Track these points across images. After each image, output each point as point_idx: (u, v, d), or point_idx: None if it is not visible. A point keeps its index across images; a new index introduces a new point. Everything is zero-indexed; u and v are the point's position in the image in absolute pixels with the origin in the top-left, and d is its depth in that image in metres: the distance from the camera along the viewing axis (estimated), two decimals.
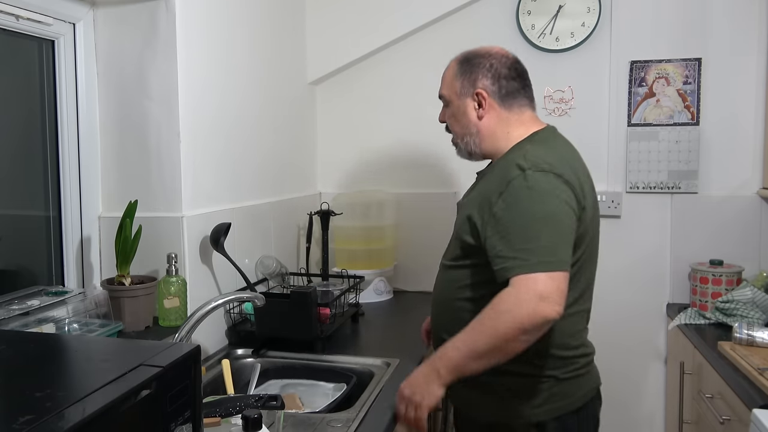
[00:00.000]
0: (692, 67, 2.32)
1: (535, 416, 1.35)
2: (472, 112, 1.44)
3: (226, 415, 1.16)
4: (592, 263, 1.43)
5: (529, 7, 2.43)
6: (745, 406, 1.51)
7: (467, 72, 1.44)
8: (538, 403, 1.35)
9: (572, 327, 1.38)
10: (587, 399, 1.42)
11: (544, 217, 1.23)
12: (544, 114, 2.47)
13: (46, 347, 0.87)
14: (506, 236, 1.24)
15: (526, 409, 1.35)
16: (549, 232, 1.22)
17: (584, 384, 1.42)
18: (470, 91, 1.43)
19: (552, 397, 1.36)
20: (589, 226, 1.36)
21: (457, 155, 1.53)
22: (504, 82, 1.42)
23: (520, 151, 1.36)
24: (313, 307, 1.75)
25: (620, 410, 2.48)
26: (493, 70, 1.43)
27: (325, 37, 2.56)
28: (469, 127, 1.45)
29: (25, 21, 1.49)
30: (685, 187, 2.36)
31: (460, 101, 1.45)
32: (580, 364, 1.41)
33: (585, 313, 1.44)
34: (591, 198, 1.38)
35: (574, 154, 1.44)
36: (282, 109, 2.33)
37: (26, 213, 1.63)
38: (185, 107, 1.66)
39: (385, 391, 1.49)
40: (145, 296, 1.56)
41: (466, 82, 1.44)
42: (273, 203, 2.21)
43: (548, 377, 1.36)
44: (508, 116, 1.43)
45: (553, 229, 1.23)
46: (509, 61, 1.45)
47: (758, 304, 1.99)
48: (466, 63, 1.46)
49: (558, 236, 1.23)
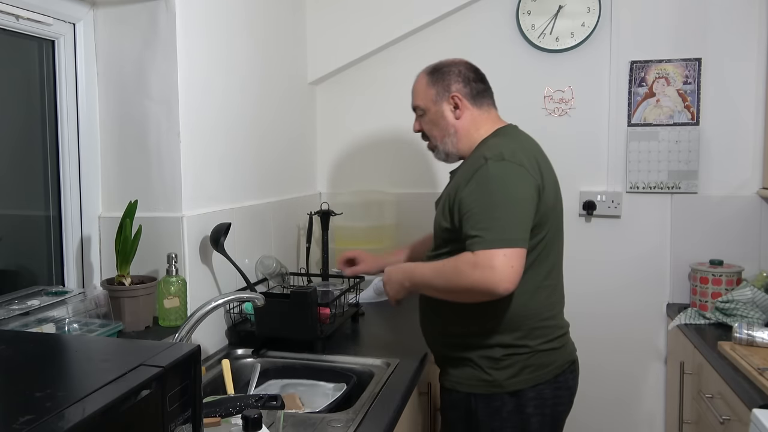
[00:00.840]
0: (692, 67, 2.32)
1: (512, 385, 1.48)
2: (449, 115, 1.59)
3: (226, 415, 1.16)
4: (557, 244, 1.57)
5: (529, 7, 2.43)
6: (745, 406, 1.51)
7: (439, 80, 1.60)
8: (515, 372, 1.48)
9: (545, 301, 1.52)
10: (561, 370, 1.53)
11: (502, 200, 1.38)
12: (544, 114, 2.47)
13: (46, 347, 0.86)
14: (471, 218, 1.39)
15: (503, 380, 1.48)
16: (506, 214, 1.37)
17: (559, 356, 1.54)
18: (445, 96, 1.58)
19: (528, 367, 1.48)
20: (551, 211, 1.50)
21: (435, 158, 1.67)
22: (473, 84, 1.60)
23: (485, 145, 1.54)
24: (313, 307, 1.75)
25: (620, 410, 2.48)
26: (462, 75, 1.60)
27: (325, 37, 2.56)
28: (448, 129, 1.59)
29: (25, 21, 1.49)
30: (685, 187, 2.36)
31: (437, 107, 1.60)
32: (555, 335, 1.53)
33: (556, 288, 1.58)
34: (552, 186, 1.53)
35: (535, 147, 1.59)
36: (282, 109, 2.33)
37: (26, 213, 1.63)
38: (185, 107, 1.66)
39: (385, 391, 1.49)
40: (145, 296, 1.56)
41: (440, 88, 1.59)
42: (273, 203, 2.21)
43: (524, 348, 1.48)
44: (480, 114, 1.60)
45: (510, 211, 1.37)
46: (472, 67, 1.64)
47: (758, 304, 1.99)
48: (436, 72, 1.61)
49: (515, 217, 1.37)
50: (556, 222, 1.54)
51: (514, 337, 1.47)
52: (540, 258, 1.48)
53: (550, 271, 1.53)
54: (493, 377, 1.48)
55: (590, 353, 2.43)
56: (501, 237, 1.33)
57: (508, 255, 1.32)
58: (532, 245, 1.42)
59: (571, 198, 2.46)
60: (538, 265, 1.48)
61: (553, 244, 1.53)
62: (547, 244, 1.49)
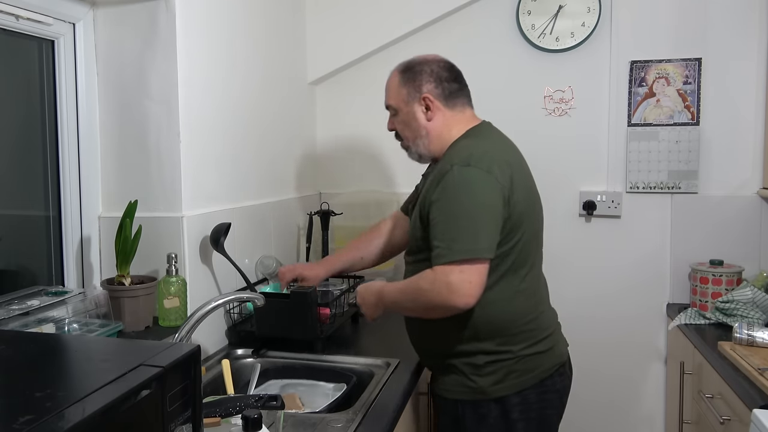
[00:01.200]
0: (692, 67, 2.32)
1: (496, 392, 1.45)
2: (421, 116, 1.54)
3: (226, 415, 1.16)
4: (534, 246, 1.52)
5: (529, 7, 2.43)
6: (745, 406, 1.51)
7: (411, 79, 1.55)
8: (498, 379, 1.45)
9: (523, 305, 1.47)
10: (548, 374, 1.50)
11: (466, 209, 1.35)
12: (544, 114, 2.47)
13: (46, 347, 0.86)
14: (435, 228, 1.38)
15: (487, 386, 1.45)
16: (470, 223, 1.34)
17: (545, 360, 1.50)
18: (417, 97, 1.54)
19: (512, 373, 1.45)
20: (524, 214, 1.44)
21: (409, 158, 1.64)
22: (446, 84, 1.54)
23: (455, 148, 1.50)
24: (313, 307, 1.75)
25: (620, 410, 2.48)
26: (434, 75, 1.54)
27: (325, 37, 2.56)
28: (420, 130, 1.55)
29: (25, 21, 1.49)
30: (685, 187, 2.36)
31: (408, 107, 1.55)
32: (538, 338, 1.49)
33: (536, 291, 1.53)
34: (523, 187, 1.46)
35: (507, 147, 1.55)
36: (282, 108, 2.33)
37: (26, 213, 1.63)
38: (185, 107, 1.66)
39: (385, 391, 1.49)
40: (145, 296, 1.56)
41: (412, 88, 1.54)
42: (273, 203, 2.21)
43: (507, 354, 1.45)
44: (452, 115, 1.54)
45: (473, 220, 1.34)
46: (446, 65, 1.57)
47: (758, 304, 1.99)
48: (408, 71, 1.56)
49: (478, 226, 1.34)
50: (532, 224, 1.49)
51: (495, 344, 1.45)
52: (516, 263, 1.44)
53: (527, 274, 1.48)
54: (478, 384, 1.46)
55: (590, 353, 2.44)
56: (462, 248, 1.31)
57: (465, 270, 1.31)
58: (505, 251, 1.41)
59: (571, 198, 2.47)
60: (515, 271, 1.44)
61: (530, 247, 1.48)
62: (522, 248, 1.45)
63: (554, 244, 2.21)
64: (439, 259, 1.33)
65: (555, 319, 1.59)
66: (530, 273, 1.49)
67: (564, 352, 1.57)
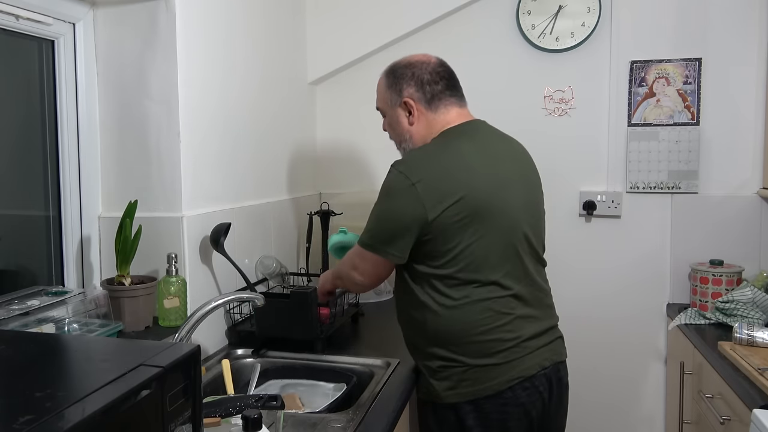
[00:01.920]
0: (692, 67, 2.32)
1: (449, 398, 1.45)
2: (404, 120, 1.55)
3: (226, 415, 1.16)
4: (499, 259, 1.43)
5: (529, 7, 2.43)
6: (745, 406, 1.51)
7: (393, 84, 1.55)
8: (450, 385, 1.45)
9: (474, 316, 1.41)
10: (506, 387, 1.41)
11: (379, 208, 1.46)
12: (544, 114, 2.47)
13: (46, 347, 0.86)
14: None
15: (441, 391, 1.46)
16: (377, 217, 1.46)
17: (502, 372, 1.42)
18: (398, 101, 1.54)
19: (463, 381, 1.43)
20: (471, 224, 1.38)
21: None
22: (428, 87, 1.51)
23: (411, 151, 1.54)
24: (313, 307, 1.75)
25: (620, 410, 2.48)
26: (415, 78, 1.52)
27: (325, 37, 2.56)
28: (404, 134, 1.56)
29: (25, 21, 1.49)
30: (685, 187, 2.36)
31: (392, 111, 1.56)
32: (494, 350, 1.41)
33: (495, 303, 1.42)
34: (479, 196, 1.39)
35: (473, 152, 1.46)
36: (282, 109, 2.33)
37: (26, 213, 1.63)
38: (185, 107, 1.66)
39: (385, 391, 1.49)
40: (145, 296, 1.56)
41: (394, 93, 1.54)
42: (273, 203, 2.21)
43: (457, 362, 1.43)
44: (435, 118, 1.52)
45: (379, 222, 1.46)
46: (430, 66, 1.54)
47: (758, 304, 1.99)
48: (392, 75, 1.56)
49: (380, 228, 1.45)
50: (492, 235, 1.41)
51: (447, 351, 1.44)
52: (463, 273, 1.39)
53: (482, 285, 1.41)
54: (434, 387, 1.47)
55: (590, 353, 2.44)
56: (366, 240, 1.47)
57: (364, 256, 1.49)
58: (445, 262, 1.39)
59: (571, 198, 2.47)
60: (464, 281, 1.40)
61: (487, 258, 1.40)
62: (470, 260, 1.39)
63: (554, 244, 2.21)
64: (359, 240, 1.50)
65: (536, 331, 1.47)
66: (488, 285, 1.41)
67: (534, 365, 1.44)
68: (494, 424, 1.42)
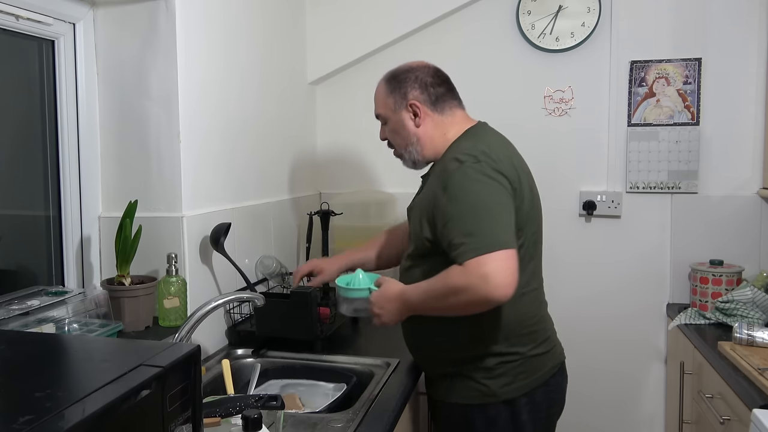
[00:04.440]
0: (692, 67, 2.32)
1: (506, 394, 1.46)
2: (409, 123, 1.54)
3: (226, 415, 1.16)
4: (538, 246, 1.54)
5: (529, 7, 2.43)
6: (745, 406, 1.51)
7: (396, 88, 1.55)
8: (508, 381, 1.46)
9: (530, 306, 1.50)
10: (552, 374, 1.52)
11: (483, 204, 1.33)
12: (544, 114, 2.47)
13: (46, 347, 0.86)
14: (454, 225, 1.33)
15: (497, 388, 1.45)
16: (488, 218, 1.31)
17: (548, 360, 1.52)
18: (403, 104, 1.54)
19: (521, 374, 1.47)
20: (529, 213, 1.45)
21: (404, 166, 1.63)
22: (431, 89, 1.54)
23: (457, 148, 1.48)
24: (313, 307, 1.75)
25: (620, 410, 2.48)
26: (419, 81, 1.54)
27: (325, 37, 2.56)
28: (410, 138, 1.55)
29: (25, 21, 1.49)
30: (685, 187, 2.36)
31: (396, 116, 1.55)
32: (542, 339, 1.51)
33: (539, 292, 1.56)
34: (527, 185, 1.47)
35: (507, 145, 1.54)
36: (282, 109, 2.33)
37: (26, 213, 1.63)
38: (185, 107, 1.66)
39: (385, 391, 1.49)
40: (145, 296, 1.56)
41: (398, 96, 1.54)
42: (273, 203, 2.21)
43: (515, 355, 1.46)
44: (442, 119, 1.54)
45: (491, 215, 1.32)
46: (431, 70, 1.57)
47: (758, 304, 1.99)
48: (393, 80, 1.56)
49: (496, 220, 1.32)
50: (534, 224, 1.49)
51: (505, 345, 1.45)
52: (523, 263, 1.40)
53: (532, 274, 1.50)
54: (488, 387, 1.45)
55: (590, 353, 2.44)
56: (488, 241, 1.27)
57: (497, 259, 1.25)
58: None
59: (571, 198, 2.47)
60: (522, 271, 1.38)
61: (535, 246, 1.50)
62: (528, 248, 1.46)
63: (554, 244, 2.21)
64: (465, 255, 1.27)
65: (551, 320, 1.60)
66: (534, 273, 1.51)
67: (562, 351, 1.60)
68: (542, 413, 1.49)
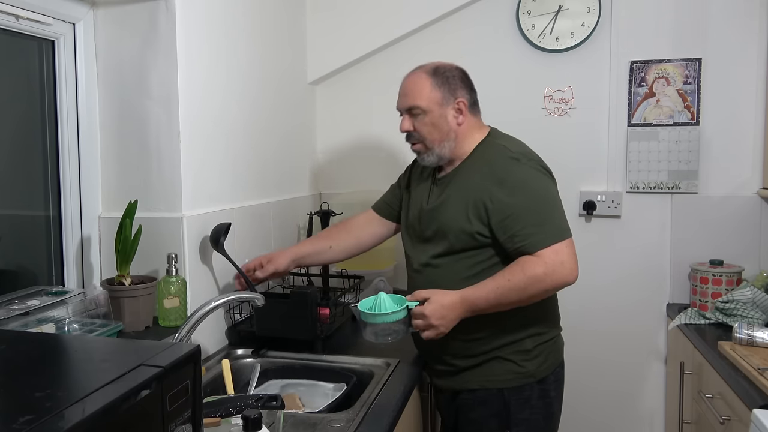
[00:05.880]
0: (692, 67, 2.32)
1: (541, 373, 1.57)
2: (452, 120, 1.59)
3: (226, 415, 1.16)
4: None
5: (529, 7, 2.43)
6: (745, 406, 1.51)
7: (444, 83, 1.58)
8: (542, 360, 1.58)
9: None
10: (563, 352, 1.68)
11: (547, 197, 1.51)
12: (544, 114, 2.47)
13: (46, 347, 0.86)
14: (520, 217, 1.46)
15: (534, 369, 1.56)
16: (554, 209, 1.50)
17: (562, 340, 1.69)
18: (452, 101, 1.59)
19: (550, 354, 1.60)
20: None
21: (422, 161, 1.65)
22: (472, 93, 1.64)
23: (493, 148, 1.59)
24: (313, 307, 1.75)
25: (620, 410, 2.48)
26: (464, 82, 1.62)
27: (325, 37, 2.56)
28: (449, 134, 1.59)
29: (25, 21, 1.49)
30: (685, 187, 2.36)
31: (441, 110, 1.58)
32: (559, 319, 1.68)
33: None
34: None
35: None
36: (282, 109, 2.33)
37: (26, 213, 1.63)
38: (185, 107, 1.66)
39: (385, 391, 1.49)
40: (145, 296, 1.56)
41: (446, 92, 1.58)
42: (273, 203, 2.21)
43: (549, 335, 1.60)
44: (474, 121, 1.63)
45: (555, 206, 1.51)
46: (466, 75, 1.65)
47: (758, 304, 1.99)
48: (440, 75, 1.59)
49: (559, 211, 1.51)
50: None
51: (543, 326, 1.58)
52: None
53: None
54: (526, 368, 1.55)
55: (590, 353, 2.44)
56: (558, 230, 1.46)
57: (568, 245, 1.45)
58: None
59: (571, 198, 2.46)
60: None
61: None
62: None
63: None
64: (540, 244, 1.43)
65: None
66: None
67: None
68: (562, 389, 1.64)
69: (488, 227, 1.50)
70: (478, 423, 1.60)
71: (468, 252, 1.54)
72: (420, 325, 1.48)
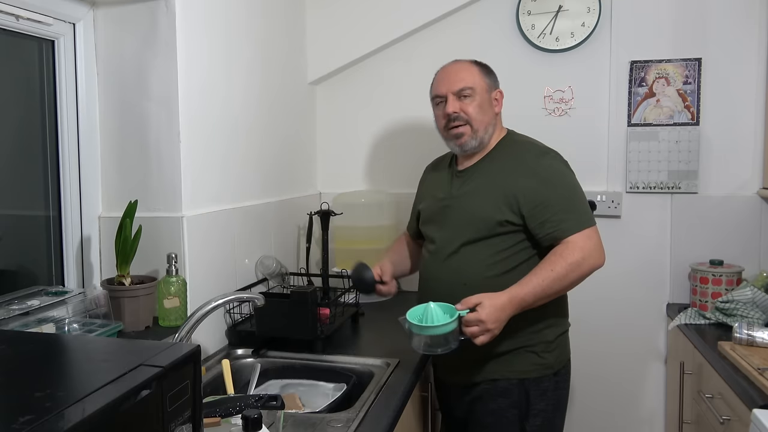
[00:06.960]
0: (692, 67, 2.32)
1: (558, 364, 1.63)
2: (496, 107, 1.71)
3: (226, 415, 1.16)
4: None
5: (529, 7, 2.43)
6: (745, 406, 1.51)
7: (490, 73, 1.73)
8: (561, 351, 1.64)
9: None
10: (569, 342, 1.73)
11: (575, 187, 1.60)
12: (544, 114, 2.47)
13: (46, 347, 0.86)
14: (551, 206, 1.54)
15: (553, 360, 1.61)
16: (582, 199, 1.59)
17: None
18: (495, 90, 1.72)
19: (566, 346, 1.67)
20: None
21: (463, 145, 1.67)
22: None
23: (519, 144, 1.70)
24: (313, 307, 1.75)
25: (620, 410, 2.48)
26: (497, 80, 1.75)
27: (325, 37, 2.56)
28: (492, 119, 1.69)
29: (25, 21, 1.49)
30: (685, 187, 2.36)
31: (488, 95, 1.69)
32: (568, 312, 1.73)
33: None
34: None
35: None
36: (282, 109, 2.33)
37: (26, 213, 1.63)
38: (185, 107, 1.66)
39: (385, 391, 1.49)
40: (145, 296, 1.56)
41: (492, 81, 1.72)
42: (273, 203, 2.21)
43: (565, 326, 1.67)
44: (499, 118, 1.75)
45: (583, 196, 1.60)
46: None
47: (758, 304, 1.99)
48: (484, 66, 1.73)
49: (586, 201, 1.60)
50: None
51: (563, 317, 1.66)
52: None
53: None
54: (547, 360, 1.60)
55: (590, 353, 2.44)
56: (587, 217, 1.56)
57: (596, 230, 1.56)
58: None
59: None
60: None
61: None
62: None
63: None
64: (572, 229, 1.52)
65: None
66: None
67: None
68: (570, 381, 1.69)
69: (519, 215, 1.57)
70: (497, 413, 1.62)
71: (492, 239, 1.59)
72: (476, 331, 1.43)
